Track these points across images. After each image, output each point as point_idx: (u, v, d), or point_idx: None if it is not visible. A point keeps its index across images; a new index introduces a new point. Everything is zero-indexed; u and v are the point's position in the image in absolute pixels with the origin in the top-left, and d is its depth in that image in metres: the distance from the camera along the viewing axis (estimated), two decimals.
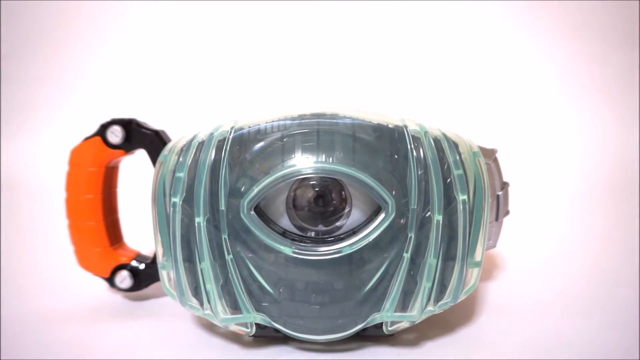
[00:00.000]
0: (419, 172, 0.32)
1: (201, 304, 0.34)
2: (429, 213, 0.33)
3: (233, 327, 0.35)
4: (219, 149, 0.33)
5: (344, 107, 0.36)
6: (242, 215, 0.32)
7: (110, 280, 0.43)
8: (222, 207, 0.33)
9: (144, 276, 0.43)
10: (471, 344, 0.36)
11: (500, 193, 0.42)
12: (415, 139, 0.33)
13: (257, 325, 0.34)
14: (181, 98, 0.89)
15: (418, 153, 0.33)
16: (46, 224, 0.65)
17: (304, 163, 0.32)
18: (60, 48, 0.92)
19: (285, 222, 0.34)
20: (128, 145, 0.41)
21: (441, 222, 0.33)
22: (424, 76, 0.90)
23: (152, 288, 0.44)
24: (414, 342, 0.36)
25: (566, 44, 0.89)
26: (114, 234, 0.44)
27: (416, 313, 0.34)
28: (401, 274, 0.33)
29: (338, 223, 0.34)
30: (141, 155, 0.42)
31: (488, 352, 0.35)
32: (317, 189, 0.33)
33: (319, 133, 0.33)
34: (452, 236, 0.33)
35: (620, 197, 0.77)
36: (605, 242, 0.60)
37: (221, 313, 0.34)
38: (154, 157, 0.40)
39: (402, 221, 0.32)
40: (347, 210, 0.34)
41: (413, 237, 0.33)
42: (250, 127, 0.34)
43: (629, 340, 0.36)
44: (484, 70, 0.90)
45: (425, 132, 0.34)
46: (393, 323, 0.34)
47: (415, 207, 0.32)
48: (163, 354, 0.36)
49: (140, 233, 0.46)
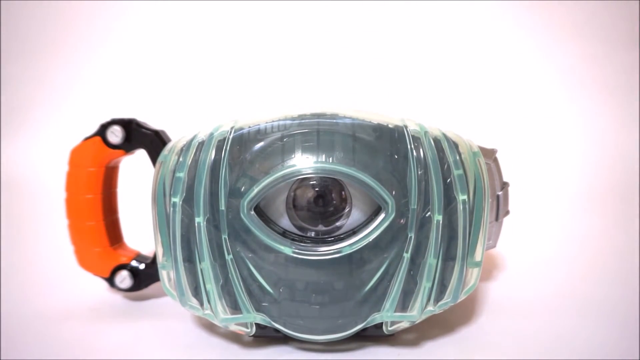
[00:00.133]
0: (419, 172, 0.32)
1: (201, 304, 0.34)
2: (429, 213, 0.33)
3: (233, 327, 0.35)
4: (219, 149, 0.33)
5: (344, 107, 0.36)
6: (242, 215, 0.32)
7: (110, 280, 0.43)
8: (222, 207, 0.33)
9: (144, 276, 0.43)
10: (471, 344, 0.36)
11: (500, 193, 0.42)
12: (415, 139, 0.33)
13: (257, 325, 0.34)
14: (181, 98, 0.89)
15: (418, 153, 0.33)
16: (46, 224, 0.65)
17: (304, 163, 0.32)
18: (59, 48, 0.92)
19: (285, 222, 0.34)
20: (128, 145, 0.41)
21: (441, 222, 0.33)
22: (424, 76, 0.89)
23: (152, 288, 0.43)
24: (414, 342, 0.36)
25: (567, 44, 0.89)
26: (114, 234, 0.44)
27: (416, 313, 0.34)
28: (401, 274, 0.33)
29: (338, 223, 0.34)
30: (141, 155, 0.42)
31: (488, 352, 0.35)
32: (317, 189, 0.33)
33: (319, 133, 0.33)
34: (452, 236, 0.33)
35: (620, 197, 0.77)
36: (605, 242, 0.59)
37: (221, 313, 0.34)
38: (154, 157, 0.40)
39: (402, 221, 0.32)
40: (347, 210, 0.34)
41: (413, 237, 0.33)
42: (250, 127, 0.34)
43: (629, 340, 0.36)
44: (484, 70, 0.90)
45: (425, 132, 0.34)
46: (393, 323, 0.34)
47: (415, 207, 0.32)
48: (163, 354, 0.36)
49: (140, 233, 0.46)
